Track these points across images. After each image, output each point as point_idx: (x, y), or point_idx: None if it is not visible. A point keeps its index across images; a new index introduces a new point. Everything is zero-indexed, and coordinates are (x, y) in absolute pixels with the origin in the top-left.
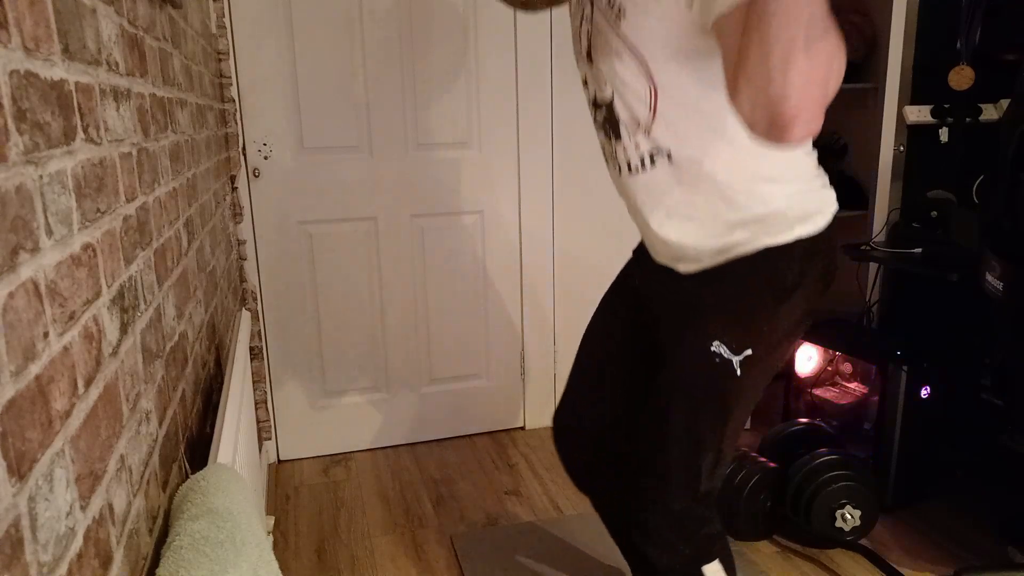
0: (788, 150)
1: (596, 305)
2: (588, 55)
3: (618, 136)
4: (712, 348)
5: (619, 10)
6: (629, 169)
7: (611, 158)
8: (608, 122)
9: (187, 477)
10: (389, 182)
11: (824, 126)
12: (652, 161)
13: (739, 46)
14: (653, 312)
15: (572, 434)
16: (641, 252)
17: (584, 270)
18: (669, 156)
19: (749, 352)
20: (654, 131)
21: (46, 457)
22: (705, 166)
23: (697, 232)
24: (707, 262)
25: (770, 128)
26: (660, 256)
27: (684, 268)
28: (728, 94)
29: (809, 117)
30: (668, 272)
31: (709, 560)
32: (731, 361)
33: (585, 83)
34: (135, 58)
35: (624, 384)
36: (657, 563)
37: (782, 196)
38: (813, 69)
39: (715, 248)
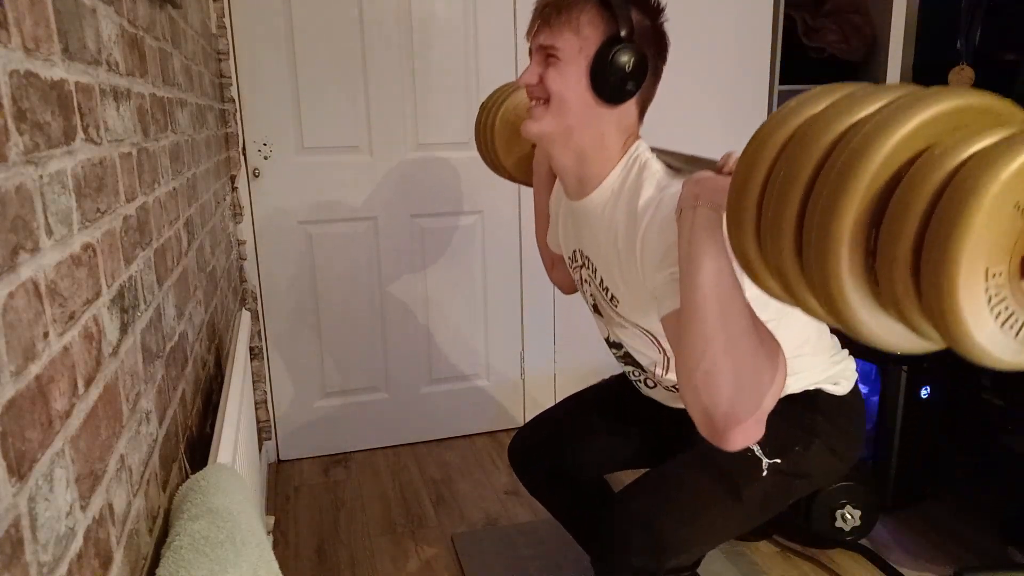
0: (802, 359)
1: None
2: (595, 309)
3: (642, 369)
4: None
5: (613, 297)
6: (656, 387)
7: (638, 380)
8: (628, 358)
9: (187, 477)
10: (389, 182)
11: None
12: (678, 388)
13: (675, 352)
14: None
15: (542, 463)
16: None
17: None
18: None
19: (778, 461)
20: (671, 371)
21: (46, 457)
22: None
23: None
24: None
25: (708, 432)
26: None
27: None
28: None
29: (742, 429)
30: None
31: None
32: (761, 460)
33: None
34: (135, 58)
35: (637, 452)
36: None
37: (802, 381)
38: (740, 387)
39: None
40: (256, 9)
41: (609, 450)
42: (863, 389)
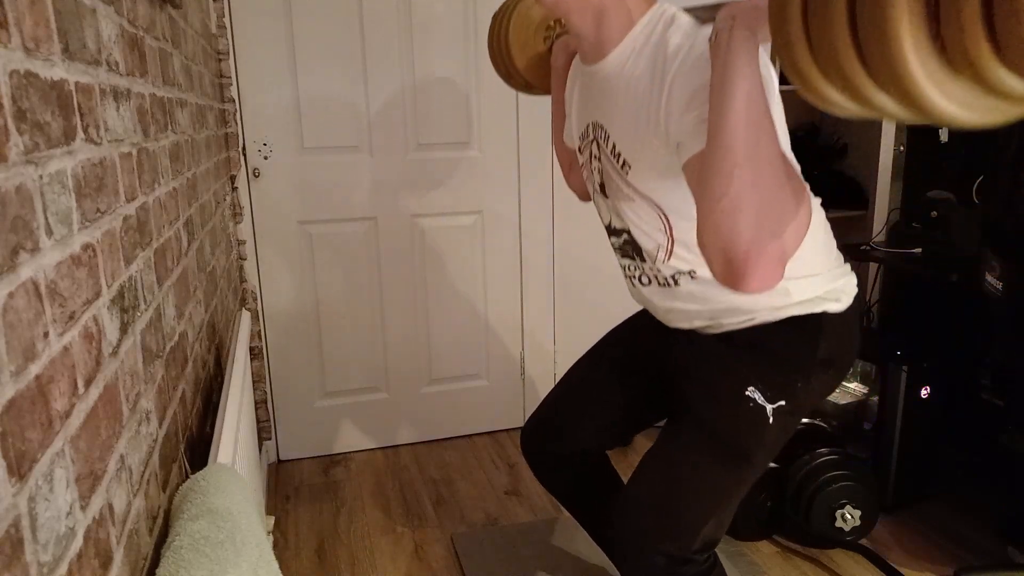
0: (805, 259)
1: (595, 305)
2: (602, 189)
3: (641, 259)
4: (747, 392)
5: (624, 163)
6: (651, 283)
7: (632, 276)
8: (628, 246)
9: (187, 477)
10: (389, 182)
11: (824, 126)
12: (675, 281)
13: (697, 194)
14: (676, 362)
15: (558, 443)
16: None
17: (584, 270)
18: (691, 275)
19: (783, 403)
20: (674, 256)
21: (46, 457)
22: None
23: (722, 318)
24: (731, 328)
25: (725, 275)
26: (677, 325)
27: (710, 331)
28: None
29: (763, 265)
30: (698, 333)
31: None
32: (765, 408)
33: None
34: (135, 58)
35: (630, 415)
36: None
37: (807, 289)
38: (765, 219)
39: (738, 321)
40: (256, 9)
41: (607, 414)
42: (863, 390)
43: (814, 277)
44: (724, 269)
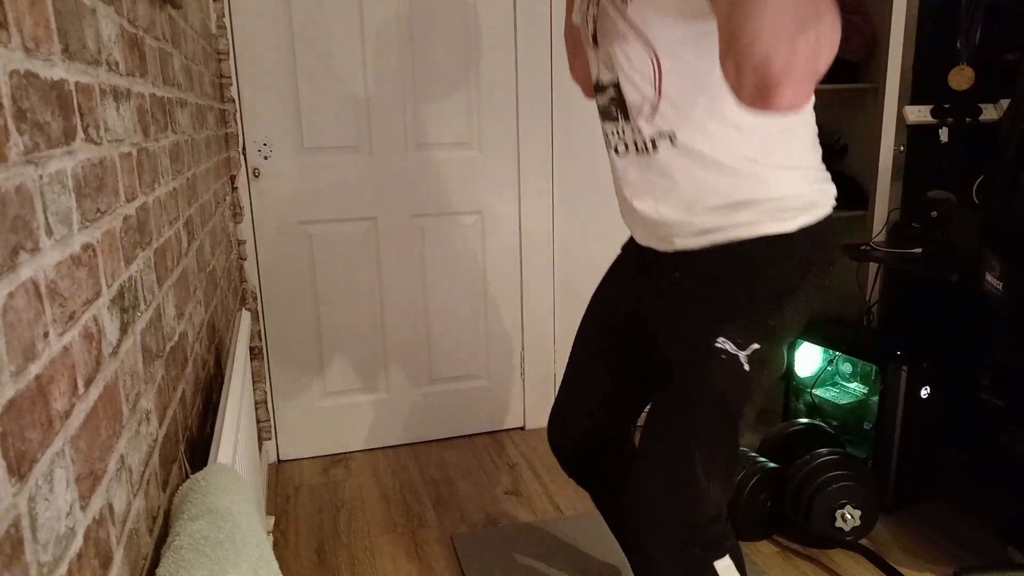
0: (790, 132)
1: None
2: (594, 38)
3: (626, 118)
4: (716, 344)
5: None
6: (628, 149)
7: (612, 145)
8: (613, 103)
9: (187, 477)
10: (389, 182)
11: (824, 126)
12: (655, 146)
13: (727, 10)
14: (652, 317)
15: (565, 431)
16: (630, 248)
17: (584, 270)
18: (672, 139)
19: (756, 346)
20: (659, 113)
21: (46, 457)
22: (708, 149)
23: (693, 210)
24: (699, 241)
25: (756, 92)
26: (645, 238)
27: (676, 245)
28: (719, 60)
29: (797, 82)
30: (664, 271)
31: (720, 556)
32: (737, 356)
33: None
34: (135, 58)
35: (619, 387)
36: (665, 566)
37: (787, 183)
38: (802, 33)
39: (713, 226)
40: (256, 9)
41: (601, 397)
42: (863, 390)
43: (798, 171)
44: (755, 89)
